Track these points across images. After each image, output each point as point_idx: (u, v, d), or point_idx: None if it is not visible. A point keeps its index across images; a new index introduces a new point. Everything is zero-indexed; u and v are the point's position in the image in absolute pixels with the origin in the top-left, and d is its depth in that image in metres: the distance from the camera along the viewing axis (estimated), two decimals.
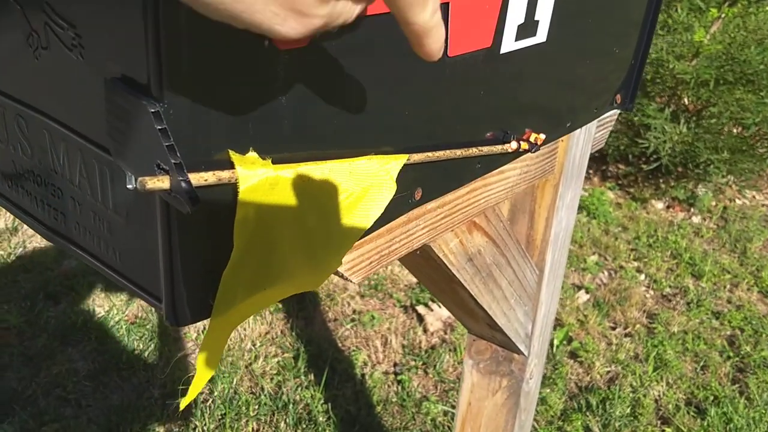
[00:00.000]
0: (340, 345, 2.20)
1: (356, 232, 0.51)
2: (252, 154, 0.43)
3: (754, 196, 3.43)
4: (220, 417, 1.88)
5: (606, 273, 2.73)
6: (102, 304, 2.27)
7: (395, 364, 2.14)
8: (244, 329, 2.20)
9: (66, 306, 2.26)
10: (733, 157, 2.93)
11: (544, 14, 0.63)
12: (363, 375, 2.08)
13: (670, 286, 2.69)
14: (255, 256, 0.45)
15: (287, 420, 1.88)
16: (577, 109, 0.78)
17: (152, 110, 0.37)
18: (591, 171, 3.46)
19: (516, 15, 0.59)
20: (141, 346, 2.12)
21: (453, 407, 1.98)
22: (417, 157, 0.55)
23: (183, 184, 0.38)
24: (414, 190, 0.59)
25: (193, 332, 2.20)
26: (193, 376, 2.01)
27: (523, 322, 1.02)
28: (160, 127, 0.37)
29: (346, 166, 0.49)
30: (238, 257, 0.44)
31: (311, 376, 2.03)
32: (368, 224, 0.52)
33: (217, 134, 0.41)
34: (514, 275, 0.95)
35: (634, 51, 0.83)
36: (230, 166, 0.42)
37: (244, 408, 1.91)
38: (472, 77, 0.58)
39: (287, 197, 0.45)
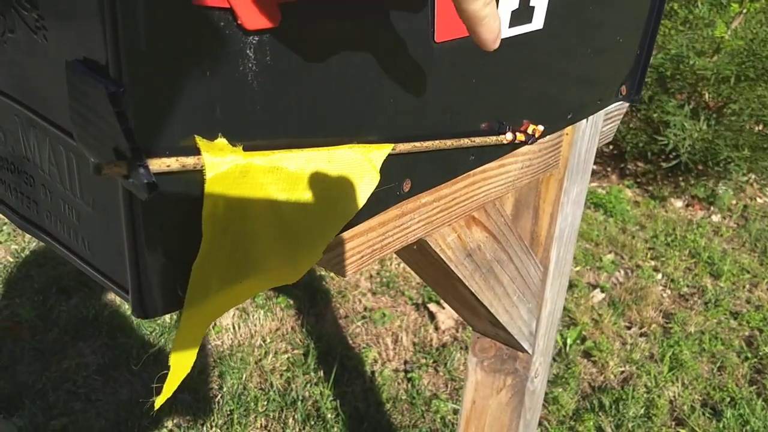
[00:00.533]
0: (350, 342, 2.18)
1: (336, 225, 0.49)
2: (221, 140, 0.41)
3: None
4: (228, 413, 1.87)
5: (622, 272, 2.69)
6: (113, 299, 2.28)
7: (406, 362, 2.12)
8: (255, 325, 2.19)
9: (78, 301, 2.26)
10: (754, 155, 2.88)
11: (539, 0, 0.61)
12: (373, 372, 2.06)
13: (687, 286, 2.65)
14: (227, 247, 0.43)
15: (296, 416, 1.87)
16: (578, 100, 0.75)
17: (110, 92, 0.35)
18: (609, 169, 3.42)
19: (509, 0, 0.57)
20: (152, 341, 2.11)
21: None
22: (403, 147, 0.53)
23: (140, 170, 0.36)
24: (402, 181, 0.57)
25: None
26: (204, 370, 2.01)
27: (526, 320, 1.00)
28: (117, 110, 0.35)
29: (325, 154, 0.47)
30: (208, 248, 0.42)
31: (321, 373, 2.02)
32: (349, 216, 0.50)
33: (182, 119, 0.39)
34: (517, 272, 0.93)
35: (640, 41, 0.80)
36: (197, 152, 0.40)
37: (252, 404, 1.90)
38: (462, 65, 0.56)
39: (260, 187, 0.43)
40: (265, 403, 1.91)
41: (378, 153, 0.51)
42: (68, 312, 2.21)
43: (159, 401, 0.49)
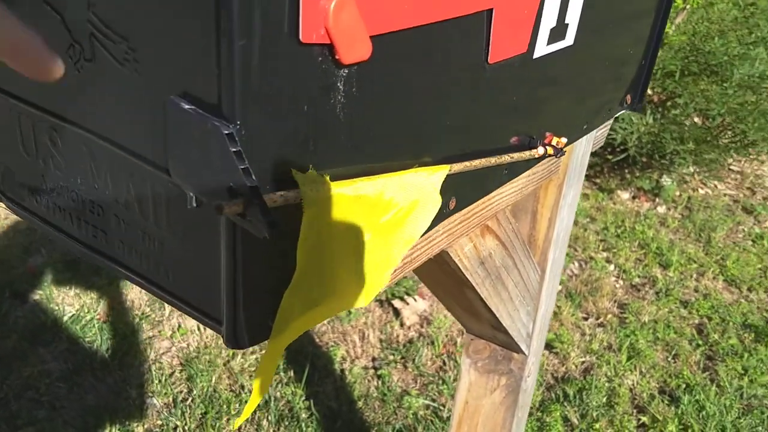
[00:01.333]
0: (317, 340, 2.18)
1: (404, 247, 0.50)
2: (312, 172, 0.42)
3: (716, 186, 3.50)
4: (200, 416, 1.85)
5: (576, 264, 2.76)
6: (72, 303, 2.22)
7: (374, 359, 2.13)
8: None
9: (34, 305, 2.20)
10: (699, 148, 2.98)
11: (573, 17, 0.62)
12: (342, 370, 2.07)
13: (639, 276, 2.73)
14: (313, 274, 0.44)
15: (269, 417, 1.86)
16: (593, 110, 0.78)
17: (226, 132, 0.35)
18: None
19: (549, 19, 0.59)
20: (115, 345, 2.07)
21: (434, 401, 1.99)
22: (457, 167, 0.54)
23: (260, 208, 0.36)
24: (449, 199, 0.58)
25: (168, 330, 2.17)
26: (172, 374, 1.98)
27: (525, 322, 1.02)
28: (234, 149, 0.36)
29: (397, 179, 0.48)
30: (301, 277, 0.42)
31: (291, 373, 2.02)
32: (416, 238, 0.51)
33: (282, 154, 0.39)
34: (520, 276, 0.95)
35: (644, 51, 0.83)
36: (292, 185, 0.41)
37: (225, 406, 1.89)
38: (508, 83, 0.58)
39: (345, 214, 0.44)
40: (238, 404, 1.90)
41: (438, 175, 0.52)
42: (25, 317, 2.14)
43: (237, 422, 0.49)
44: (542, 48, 0.60)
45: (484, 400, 1.14)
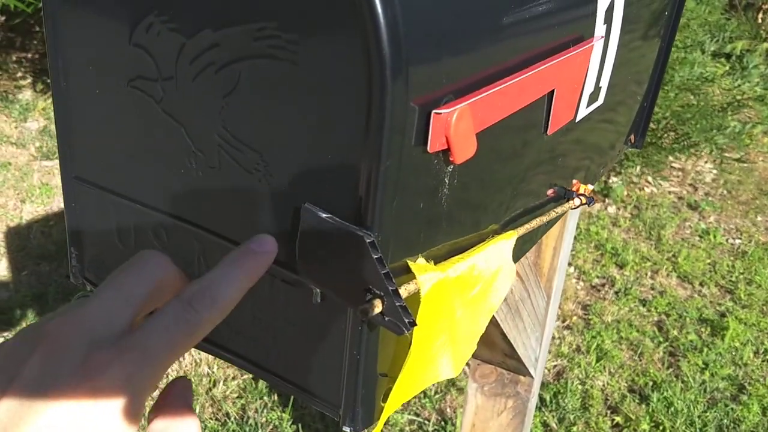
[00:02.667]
0: None
1: (489, 315, 0.54)
2: (421, 260, 0.45)
3: (660, 184, 3.63)
4: None
5: None
6: None
7: None
8: (198, 353, 2.16)
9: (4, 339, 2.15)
10: (646, 150, 3.10)
11: (605, 81, 0.67)
12: None
13: (597, 277, 2.82)
14: (422, 355, 0.47)
15: None
16: (607, 155, 0.82)
17: (368, 240, 0.38)
18: None
19: (589, 86, 0.63)
20: None
21: (417, 415, 2.02)
22: (522, 231, 0.58)
23: (401, 310, 0.39)
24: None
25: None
26: (147, 404, 1.95)
27: (534, 348, 1.07)
28: (377, 256, 0.38)
29: (483, 254, 0.51)
30: (413, 359, 0.45)
31: (275, 397, 2.03)
32: (497, 305, 0.54)
33: (402, 250, 0.42)
34: (532, 306, 0.99)
35: (645, 93, 0.88)
36: (404, 273, 0.44)
37: None
38: (558, 147, 0.62)
39: (448, 294, 0.47)
40: None
41: (510, 242, 0.55)
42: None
43: None
44: (583, 111, 0.64)
45: (491, 423, 1.19)
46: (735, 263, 2.98)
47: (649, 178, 3.60)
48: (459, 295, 0.49)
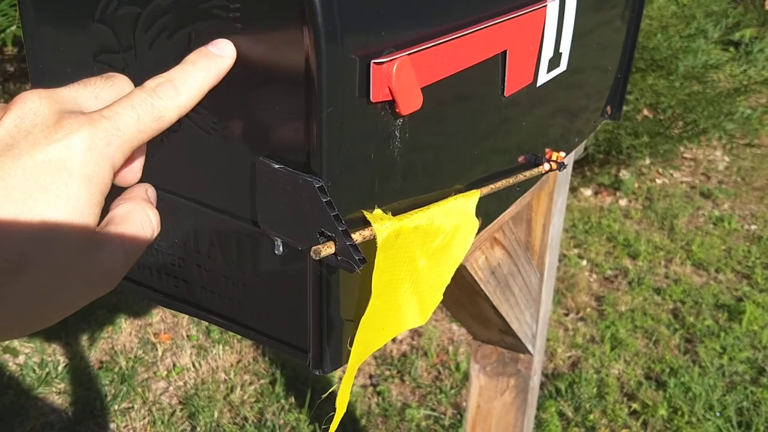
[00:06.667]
0: None
1: (453, 267, 0.56)
2: (378, 210, 0.48)
3: (672, 174, 3.63)
4: None
5: None
6: (63, 353, 2.23)
7: (371, 376, 2.18)
8: (215, 361, 2.20)
9: (26, 358, 2.20)
10: (653, 140, 3.10)
11: (565, 46, 0.69)
12: None
13: (610, 269, 2.83)
14: (385, 300, 0.49)
15: None
16: (581, 124, 0.85)
17: (317, 185, 0.41)
18: None
19: (548, 51, 0.66)
20: (113, 390, 2.09)
21: (433, 410, 2.04)
22: (485, 191, 0.61)
23: (351, 248, 0.42)
24: (479, 218, 0.65)
25: (163, 370, 2.19)
26: (173, 413, 2.00)
27: (530, 324, 1.09)
28: (326, 200, 0.41)
29: (442, 208, 0.54)
30: (375, 304, 0.48)
31: (291, 399, 2.05)
32: (461, 258, 0.57)
33: (356, 198, 0.45)
34: (523, 281, 1.01)
35: (618, 65, 0.90)
36: (363, 224, 0.46)
37: None
38: (519, 111, 0.64)
39: (407, 243, 0.50)
40: None
41: (473, 200, 0.58)
42: (19, 371, 2.14)
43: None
44: (543, 76, 0.66)
45: (495, 402, 1.20)
46: (751, 248, 2.97)
47: (660, 169, 3.60)
48: (420, 246, 0.51)
